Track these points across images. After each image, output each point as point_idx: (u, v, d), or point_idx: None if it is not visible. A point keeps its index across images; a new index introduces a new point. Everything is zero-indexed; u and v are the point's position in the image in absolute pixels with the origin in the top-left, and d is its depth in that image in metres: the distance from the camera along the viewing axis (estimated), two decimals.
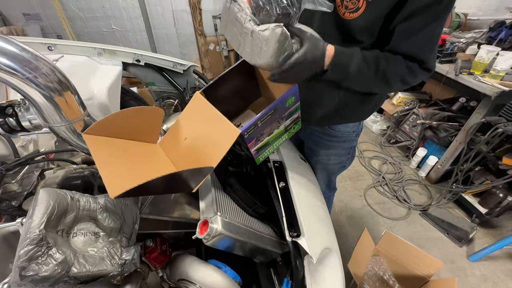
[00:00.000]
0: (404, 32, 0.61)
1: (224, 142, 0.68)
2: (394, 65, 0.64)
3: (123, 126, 0.74)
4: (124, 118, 0.74)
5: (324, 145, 0.96)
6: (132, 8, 2.20)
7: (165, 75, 1.38)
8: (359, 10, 0.61)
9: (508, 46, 1.64)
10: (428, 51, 0.64)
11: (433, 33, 0.62)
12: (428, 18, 0.58)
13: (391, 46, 0.64)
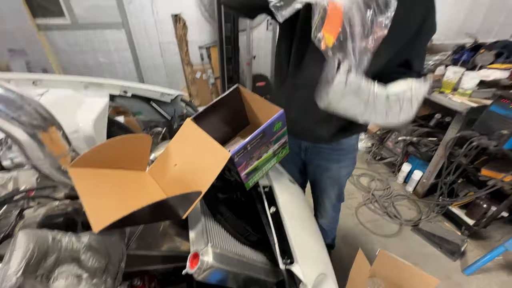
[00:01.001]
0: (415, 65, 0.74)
1: (214, 166, 0.68)
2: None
3: (110, 156, 0.73)
4: (111, 148, 0.74)
5: (335, 159, 1.00)
6: (120, 41, 2.26)
7: (153, 105, 1.39)
8: None
9: (471, 66, 1.80)
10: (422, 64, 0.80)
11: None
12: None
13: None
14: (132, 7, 2.14)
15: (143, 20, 2.22)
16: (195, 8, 2.27)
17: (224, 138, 1.03)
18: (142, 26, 2.25)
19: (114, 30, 2.20)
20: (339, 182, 1.10)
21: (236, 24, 1.71)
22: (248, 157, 0.75)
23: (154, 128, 1.48)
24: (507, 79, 1.58)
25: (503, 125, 1.31)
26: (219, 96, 0.88)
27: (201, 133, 0.77)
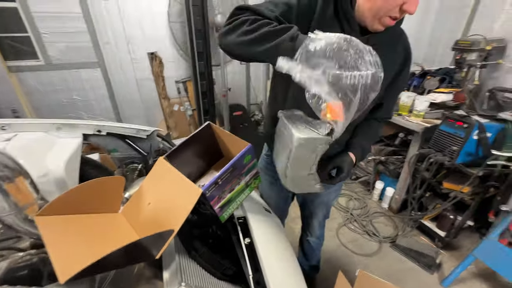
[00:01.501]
0: (386, 107, 0.89)
1: (187, 203, 0.70)
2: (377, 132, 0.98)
3: (81, 201, 0.73)
4: (82, 192, 0.74)
5: (326, 186, 1.05)
6: (95, 80, 2.29)
7: (128, 142, 1.41)
8: None
9: (422, 90, 2.03)
10: (393, 110, 0.97)
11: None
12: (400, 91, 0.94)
13: (375, 115, 0.90)
14: (108, 47, 2.22)
15: (119, 58, 2.29)
16: (171, 47, 2.40)
17: (199, 171, 1.07)
18: (118, 64, 2.31)
19: (89, 69, 2.24)
20: (327, 205, 1.18)
21: (209, 61, 1.83)
22: (220, 190, 0.79)
23: (130, 165, 1.47)
24: (452, 101, 1.80)
25: (453, 142, 1.47)
26: (191, 133, 0.93)
27: (173, 171, 0.80)
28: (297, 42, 0.57)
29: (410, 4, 0.61)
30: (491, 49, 1.65)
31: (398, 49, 0.80)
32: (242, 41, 0.62)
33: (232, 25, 0.64)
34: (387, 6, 0.63)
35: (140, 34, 2.27)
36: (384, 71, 0.75)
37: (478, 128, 1.40)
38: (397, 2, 0.61)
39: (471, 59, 1.69)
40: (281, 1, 0.69)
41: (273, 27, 0.60)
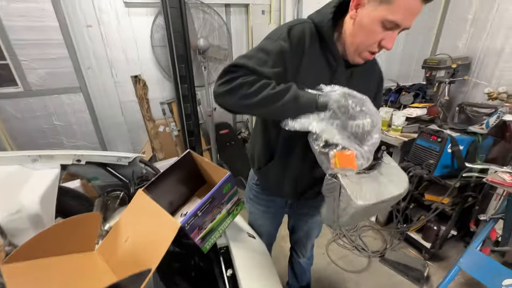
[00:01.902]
0: None
1: (165, 238, 0.69)
2: None
3: (53, 242, 0.71)
4: (54, 233, 0.72)
5: (319, 205, 1.06)
6: (78, 104, 2.26)
7: (109, 170, 1.38)
8: None
9: (398, 105, 2.13)
10: None
11: None
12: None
13: None
14: (90, 72, 2.21)
15: (102, 82, 2.28)
16: (155, 69, 2.42)
17: (182, 198, 1.05)
18: (101, 88, 2.30)
19: (71, 94, 2.21)
20: (320, 225, 1.19)
21: (192, 84, 1.85)
22: (200, 221, 0.78)
23: (112, 193, 1.43)
24: (426, 115, 1.90)
25: (429, 156, 1.53)
26: (172, 162, 0.93)
27: (151, 204, 0.79)
28: (301, 101, 0.65)
29: (387, 41, 0.66)
30: (457, 66, 1.77)
31: (374, 75, 0.88)
32: (244, 105, 0.65)
33: (230, 87, 0.64)
34: (367, 42, 0.68)
35: (123, 58, 2.29)
36: (366, 92, 0.84)
37: (450, 141, 1.47)
38: (376, 38, 0.66)
39: (440, 76, 1.80)
40: (273, 49, 0.69)
41: (273, 89, 0.63)
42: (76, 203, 1.36)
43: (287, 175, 0.92)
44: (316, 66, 0.77)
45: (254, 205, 1.13)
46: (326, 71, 0.78)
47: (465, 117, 1.66)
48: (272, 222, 1.16)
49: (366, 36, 0.68)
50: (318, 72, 0.77)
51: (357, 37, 0.70)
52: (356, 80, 0.82)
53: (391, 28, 0.65)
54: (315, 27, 0.74)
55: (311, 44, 0.74)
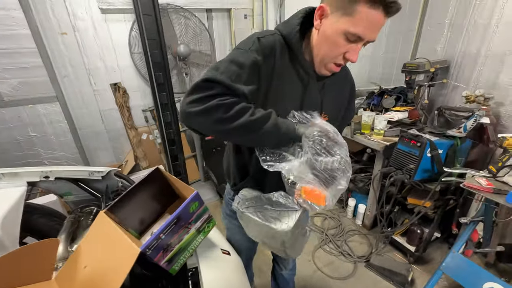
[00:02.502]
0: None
1: (124, 265, 0.65)
2: None
3: (6, 274, 0.66)
4: (7, 264, 0.67)
5: None
6: (54, 113, 2.18)
7: (81, 185, 1.32)
8: None
9: (381, 109, 2.14)
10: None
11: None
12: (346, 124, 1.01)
13: None
14: (67, 80, 2.14)
15: (79, 91, 2.21)
16: (135, 76, 2.36)
17: (154, 216, 1.01)
18: (79, 97, 2.22)
19: (47, 104, 2.13)
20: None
21: (171, 91, 1.81)
22: (164, 244, 0.74)
23: (85, 209, 1.37)
24: (407, 118, 1.91)
25: (410, 160, 1.53)
26: (139, 180, 0.89)
27: (112, 227, 0.75)
28: (281, 132, 0.65)
29: (351, 54, 0.65)
30: (436, 70, 1.79)
31: (346, 86, 0.88)
32: (219, 130, 0.62)
33: (204, 107, 0.58)
34: (331, 54, 0.67)
35: (102, 66, 2.22)
36: (337, 106, 0.87)
37: (430, 146, 1.47)
38: (340, 50, 0.65)
39: (420, 80, 1.81)
40: (245, 61, 0.64)
41: (252, 115, 0.61)
42: (47, 220, 1.29)
43: (266, 183, 0.90)
44: (288, 81, 0.74)
45: (231, 220, 1.09)
46: (298, 85, 0.76)
47: (444, 121, 1.68)
48: (249, 239, 1.12)
49: (330, 47, 0.66)
50: (290, 87, 0.75)
51: (322, 48, 0.68)
52: (328, 92, 0.81)
53: (354, 40, 0.63)
54: (283, 39, 0.72)
55: (281, 57, 0.71)
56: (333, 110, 0.84)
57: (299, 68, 0.74)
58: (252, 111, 0.62)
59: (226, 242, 1.10)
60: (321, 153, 0.63)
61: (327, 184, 0.65)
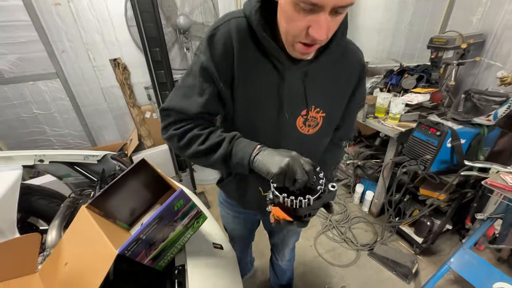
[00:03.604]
0: (344, 125, 0.79)
1: (101, 266, 0.62)
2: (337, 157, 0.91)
3: None
4: None
5: None
6: (56, 91, 2.14)
7: (77, 169, 1.30)
8: (318, 125, 0.71)
9: (400, 89, 1.94)
10: (354, 130, 0.87)
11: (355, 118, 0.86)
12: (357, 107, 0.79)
13: (334, 140, 0.82)
14: (65, 56, 2.06)
15: (79, 67, 2.13)
16: (135, 51, 2.24)
17: (145, 206, 0.97)
18: (80, 73, 2.15)
19: (48, 80, 2.09)
20: (297, 232, 1.11)
21: (169, 69, 1.69)
22: (146, 244, 0.70)
23: (85, 191, 1.37)
24: (429, 101, 1.71)
25: (426, 150, 1.39)
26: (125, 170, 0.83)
27: (92, 225, 0.70)
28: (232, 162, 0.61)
29: (314, 29, 0.47)
30: (468, 46, 1.55)
31: (347, 65, 0.68)
32: (183, 156, 0.67)
33: (166, 137, 0.66)
34: (292, 31, 0.51)
35: (100, 40, 2.11)
36: (334, 96, 0.71)
37: (451, 135, 1.32)
38: (299, 26, 0.48)
39: (447, 57, 1.59)
40: (196, 69, 0.61)
41: (202, 143, 0.61)
42: (47, 202, 1.31)
43: (248, 191, 0.83)
44: (258, 72, 0.62)
45: (224, 209, 1.05)
46: (273, 75, 0.62)
47: (471, 106, 1.48)
48: (244, 227, 1.08)
49: (287, 23, 0.50)
50: (262, 79, 0.62)
51: (281, 25, 0.53)
52: (316, 80, 0.65)
53: (311, 10, 0.45)
54: (247, 22, 0.58)
55: (244, 46, 0.59)
56: (328, 101, 0.69)
57: (270, 55, 0.60)
58: (203, 138, 0.62)
59: (220, 233, 1.06)
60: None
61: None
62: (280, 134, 0.69)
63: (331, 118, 0.72)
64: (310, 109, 0.67)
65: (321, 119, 0.70)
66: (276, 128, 0.68)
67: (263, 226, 1.13)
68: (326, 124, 0.71)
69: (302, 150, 0.73)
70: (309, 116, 0.68)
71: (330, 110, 0.70)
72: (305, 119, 0.68)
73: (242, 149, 0.59)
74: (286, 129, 0.68)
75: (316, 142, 0.76)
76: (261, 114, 0.66)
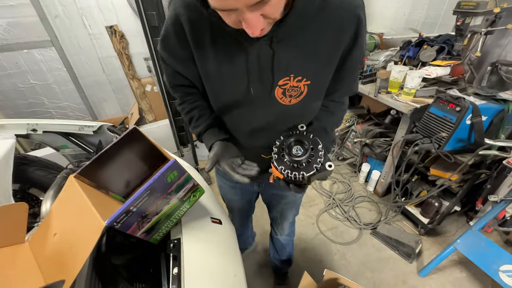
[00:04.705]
0: (344, 84, 0.67)
1: (89, 239, 0.58)
2: (342, 111, 0.77)
3: None
4: None
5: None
6: (52, 60, 2.05)
7: (73, 140, 1.25)
8: (302, 94, 0.62)
9: (417, 63, 1.78)
10: (357, 83, 0.75)
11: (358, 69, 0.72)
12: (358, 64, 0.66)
13: (333, 96, 0.71)
14: (59, 21, 1.94)
15: (74, 35, 2.02)
16: (133, 18, 2.10)
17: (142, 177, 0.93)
18: (75, 42, 2.05)
19: (43, 49, 1.99)
20: (296, 204, 1.06)
21: None
22: (138, 217, 0.66)
23: (82, 162, 1.34)
24: (449, 75, 1.57)
25: (443, 127, 1.29)
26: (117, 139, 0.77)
27: (80, 195, 0.66)
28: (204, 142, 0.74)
29: (246, 27, 0.41)
30: (501, 11, 1.37)
31: (332, 21, 0.53)
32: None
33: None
34: (229, 23, 0.44)
35: (94, 4, 1.97)
36: (325, 58, 0.59)
37: (472, 111, 1.21)
38: (233, 21, 0.42)
39: (475, 24, 1.42)
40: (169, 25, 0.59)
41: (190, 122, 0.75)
42: (44, 173, 1.28)
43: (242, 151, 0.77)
44: (219, 47, 0.56)
45: (220, 178, 1.01)
46: (236, 48, 0.55)
47: (497, 80, 1.34)
48: (241, 198, 1.04)
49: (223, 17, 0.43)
50: (226, 54, 0.57)
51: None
52: (291, 44, 0.54)
53: (231, 11, 0.39)
54: None
55: (197, 23, 0.55)
56: (311, 67, 0.58)
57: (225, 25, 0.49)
58: (188, 122, 0.74)
59: (220, 209, 1.03)
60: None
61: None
62: (255, 108, 0.64)
63: (318, 85, 0.62)
64: (289, 78, 0.58)
65: (306, 87, 0.60)
66: (249, 103, 0.63)
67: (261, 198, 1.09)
68: (312, 91, 0.62)
69: (286, 121, 0.68)
70: (289, 86, 0.60)
71: (315, 78, 0.59)
72: (284, 90, 0.60)
73: (206, 144, 0.70)
74: (261, 102, 0.63)
75: (303, 110, 0.67)
76: (229, 89, 0.62)
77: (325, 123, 0.74)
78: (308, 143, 0.57)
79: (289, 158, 0.56)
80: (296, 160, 0.55)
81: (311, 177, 0.55)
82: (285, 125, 0.68)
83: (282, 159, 0.58)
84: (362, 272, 1.51)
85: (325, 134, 0.74)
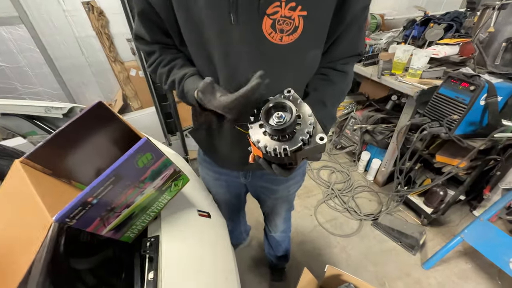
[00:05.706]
0: (348, 39, 0.57)
1: (35, 238, 0.45)
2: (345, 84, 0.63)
3: None
4: None
5: (281, 180, 0.81)
6: (22, 39, 1.84)
7: (39, 124, 1.09)
8: (297, 30, 0.48)
9: (422, 43, 1.66)
10: (363, 42, 0.63)
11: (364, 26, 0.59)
12: (364, 18, 0.55)
13: (334, 55, 0.59)
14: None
15: (46, 11, 1.80)
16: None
17: None
18: (48, 18, 1.83)
19: (10, 26, 1.78)
20: (288, 199, 0.93)
21: None
22: (101, 210, 0.52)
23: None
24: (457, 55, 1.46)
25: (454, 109, 1.18)
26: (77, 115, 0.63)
27: (26, 184, 0.52)
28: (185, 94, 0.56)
29: None
30: None
31: None
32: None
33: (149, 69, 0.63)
34: None
35: None
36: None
37: (487, 90, 1.10)
38: None
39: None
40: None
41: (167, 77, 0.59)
42: (7, 162, 1.12)
43: (222, 142, 0.67)
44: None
45: (203, 169, 0.88)
46: None
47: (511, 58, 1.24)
48: (227, 191, 0.90)
49: None
50: None
51: None
52: None
53: None
54: None
55: None
56: None
57: None
58: (165, 76, 0.60)
59: (209, 200, 0.90)
60: None
61: None
62: (239, 48, 0.49)
63: (317, 20, 0.49)
64: (280, 4, 0.44)
65: (301, 20, 0.46)
66: (230, 39, 0.48)
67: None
68: (309, 29, 0.48)
69: (279, 72, 0.53)
70: (280, 15, 0.45)
71: (312, 8, 0.46)
72: (273, 21, 0.46)
73: (189, 90, 0.54)
74: (246, 38, 0.48)
75: (299, 57, 0.53)
76: (204, 17, 0.48)
77: (323, 94, 0.60)
78: (294, 110, 0.42)
79: (269, 128, 0.42)
80: (276, 130, 0.41)
81: (297, 153, 0.42)
82: (277, 82, 0.50)
83: (260, 130, 0.45)
84: (364, 265, 1.42)
85: (323, 108, 0.58)
